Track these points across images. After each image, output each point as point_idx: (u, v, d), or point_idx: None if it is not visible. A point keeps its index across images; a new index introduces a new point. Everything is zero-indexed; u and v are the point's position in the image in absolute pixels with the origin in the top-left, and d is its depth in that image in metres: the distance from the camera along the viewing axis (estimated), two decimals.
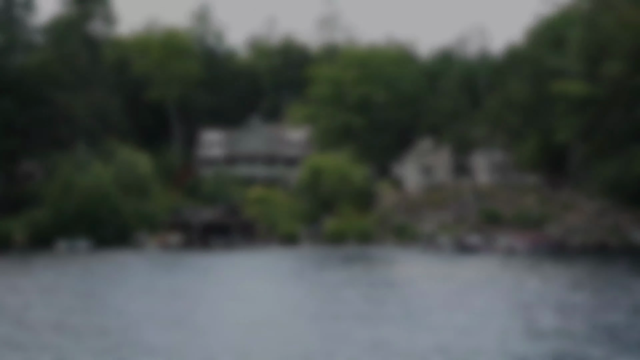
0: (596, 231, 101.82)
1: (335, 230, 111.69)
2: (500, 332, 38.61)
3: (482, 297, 53.60)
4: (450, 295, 55.80)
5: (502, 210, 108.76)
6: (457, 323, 41.43)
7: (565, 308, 48.80)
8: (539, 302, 50.97)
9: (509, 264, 79.63)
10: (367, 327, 40.98)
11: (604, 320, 44.05)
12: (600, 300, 52.46)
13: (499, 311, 46.58)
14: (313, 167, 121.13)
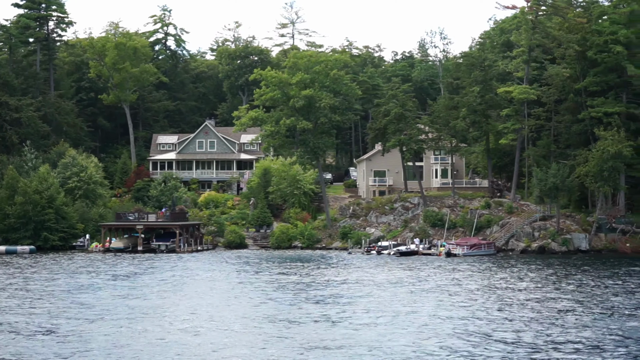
0: (538, 235, 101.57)
1: (281, 234, 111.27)
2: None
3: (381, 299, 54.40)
4: (357, 297, 56.43)
5: (449, 215, 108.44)
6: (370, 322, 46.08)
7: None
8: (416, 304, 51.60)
9: (434, 267, 79.64)
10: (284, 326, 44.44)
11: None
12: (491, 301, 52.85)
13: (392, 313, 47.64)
14: (263, 171, 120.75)
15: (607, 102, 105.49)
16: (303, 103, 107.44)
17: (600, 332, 43.24)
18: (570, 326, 45.24)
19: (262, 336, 42.49)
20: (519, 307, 52.78)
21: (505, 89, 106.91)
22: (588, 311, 50.70)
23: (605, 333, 43.04)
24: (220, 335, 42.86)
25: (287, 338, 41.80)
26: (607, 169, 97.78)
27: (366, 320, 47.47)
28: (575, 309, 51.57)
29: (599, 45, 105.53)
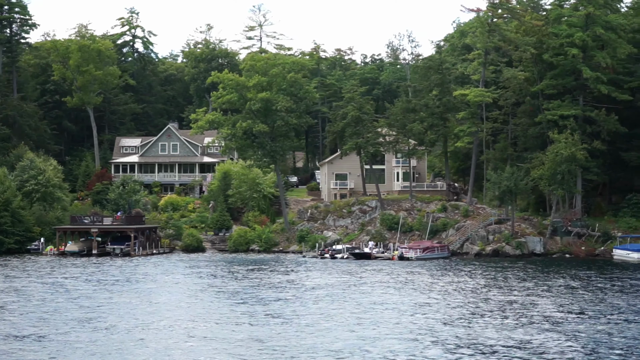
0: (493, 239, 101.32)
1: (239, 238, 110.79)
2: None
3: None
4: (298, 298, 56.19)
5: (405, 218, 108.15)
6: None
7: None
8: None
9: (374, 271, 79.29)
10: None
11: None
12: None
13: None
14: (223, 174, 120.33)
15: (564, 105, 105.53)
16: (260, 106, 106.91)
17: (506, 333, 42.90)
18: (474, 327, 44.90)
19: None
20: (424, 308, 52.52)
21: (461, 92, 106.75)
22: (501, 315, 50.36)
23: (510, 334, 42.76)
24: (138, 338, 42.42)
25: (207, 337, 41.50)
26: (561, 172, 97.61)
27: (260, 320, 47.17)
28: (493, 311, 51.24)
29: (555, 48, 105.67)
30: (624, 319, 49.00)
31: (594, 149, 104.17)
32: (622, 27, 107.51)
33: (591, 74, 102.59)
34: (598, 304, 55.39)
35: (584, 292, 62.00)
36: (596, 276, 74.59)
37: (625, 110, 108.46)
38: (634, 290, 63.17)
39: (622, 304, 54.94)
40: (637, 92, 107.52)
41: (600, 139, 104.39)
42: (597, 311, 51.83)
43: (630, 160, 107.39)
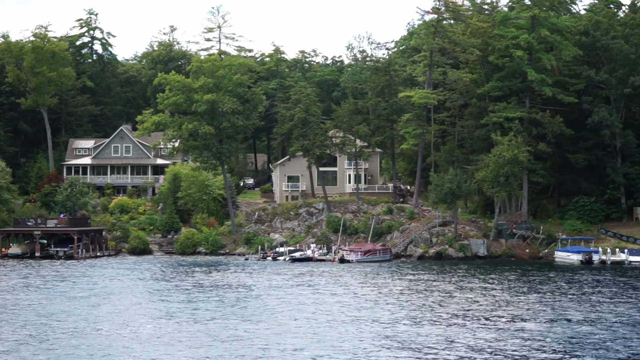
0: (436, 241, 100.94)
1: (186, 240, 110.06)
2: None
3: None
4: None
5: (351, 220, 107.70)
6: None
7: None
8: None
9: (299, 274, 78.84)
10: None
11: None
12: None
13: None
14: (173, 176, 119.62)
15: (509, 107, 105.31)
16: (206, 107, 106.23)
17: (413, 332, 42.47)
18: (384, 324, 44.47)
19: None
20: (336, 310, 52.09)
21: (406, 94, 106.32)
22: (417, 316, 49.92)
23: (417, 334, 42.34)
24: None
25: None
26: (504, 174, 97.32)
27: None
28: (410, 314, 50.81)
29: (500, 50, 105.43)
30: (520, 318, 48.71)
31: (539, 151, 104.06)
32: (568, 29, 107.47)
33: (536, 76, 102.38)
34: (502, 305, 54.97)
35: (495, 293, 61.70)
36: (520, 277, 74.33)
37: (572, 112, 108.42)
38: (546, 290, 62.84)
39: (525, 305, 54.57)
40: (583, 95, 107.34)
41: (545, 141, 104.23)
42: (490, 311, 51.44)
43: (577, 162, 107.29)
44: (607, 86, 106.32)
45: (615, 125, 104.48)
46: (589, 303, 56.63)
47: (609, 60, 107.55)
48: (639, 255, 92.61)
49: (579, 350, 39.74)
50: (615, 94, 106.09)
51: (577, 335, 43.63)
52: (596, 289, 65.83)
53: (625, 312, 52.43)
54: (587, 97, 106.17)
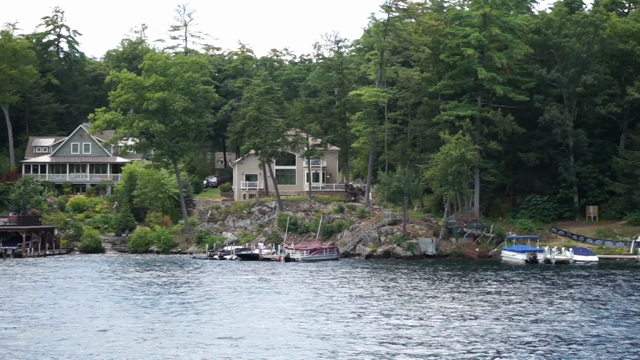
0: (385, 240, 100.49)
1: (138, 239, 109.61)
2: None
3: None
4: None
5: (302, 219, 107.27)
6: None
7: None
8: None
9: (230, 271, 78.50)
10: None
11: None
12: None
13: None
14: (129, 175, 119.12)
15: (461, 105, 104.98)
16: (156, 106, 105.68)
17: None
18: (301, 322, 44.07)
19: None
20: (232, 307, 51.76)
21: (356, 92, 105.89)
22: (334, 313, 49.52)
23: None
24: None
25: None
26: (452, 173, 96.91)
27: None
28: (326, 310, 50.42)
29: (452, 48, 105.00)
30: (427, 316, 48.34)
31: (490, 149, 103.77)
32: (520, 28, 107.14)
33: (486, 74, 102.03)
34: (417, 301, 54.56)
35: (408, 291, 61.35)
36: (455, 276, 73.92)
37: (525, 111, 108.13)
38: (465, 288, 62.43)
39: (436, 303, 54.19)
40: (535, 93, 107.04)
41: (497, 140, 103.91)
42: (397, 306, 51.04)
43: (529, 161, 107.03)
44: (559, 85, 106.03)
45: (566, 123, 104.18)
46: (494, 299, 56.24)
47: (561, 59, 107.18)
48: (584, 254, 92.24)
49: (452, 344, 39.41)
50: (567, 92, 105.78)
51: (462, 332, 43.24)
52: (513, 286, 65.48)
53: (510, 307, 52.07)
54: (538, 96, 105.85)
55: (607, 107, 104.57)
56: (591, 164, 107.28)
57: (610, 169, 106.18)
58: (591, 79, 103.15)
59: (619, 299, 57.38)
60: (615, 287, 65.20)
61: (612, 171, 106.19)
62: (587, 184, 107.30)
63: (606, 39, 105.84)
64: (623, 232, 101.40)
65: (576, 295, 59.62)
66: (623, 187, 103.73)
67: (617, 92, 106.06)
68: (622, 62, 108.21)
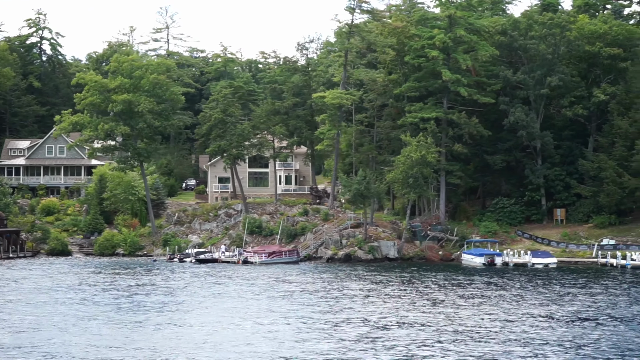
0: (346, 243, 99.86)
1: (105, 241, 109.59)
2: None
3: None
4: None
5: (267, 222, 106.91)
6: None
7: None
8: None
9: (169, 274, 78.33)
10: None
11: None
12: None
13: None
14: (99, 177, 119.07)
15: (426, 107, 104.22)
16: (121, 108, 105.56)
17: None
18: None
19: None
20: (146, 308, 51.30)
21: (319, 94, 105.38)
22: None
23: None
24: None
25: None
26: (413, 175, 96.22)
27: None
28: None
29: (416, 50, 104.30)
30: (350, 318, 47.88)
31: (456, 152, 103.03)
32: (486, 29, 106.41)
33: (451, 76, 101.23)
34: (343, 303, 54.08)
35: (335, 294, 60.85)
36: (399, 279, 73.35)
37: (492, 113, 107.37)
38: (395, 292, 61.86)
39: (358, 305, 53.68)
40: (501, 95, 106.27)
41: (462, 142, 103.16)
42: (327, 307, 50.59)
43: (495, 163, 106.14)
44: (525, 87, 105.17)
45: (532, 125, 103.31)
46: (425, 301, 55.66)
47: (528, 61, 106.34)
48: (543, 257, 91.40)
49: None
50: (533, 94, 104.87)
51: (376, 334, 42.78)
52: (448, 290, 64.88)
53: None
54: (504, 98, 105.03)
55: (573, 109, 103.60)
56: (558, 167, 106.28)
57: (578, 172, 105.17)
58: (556, 80, 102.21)
59: (541, 301, 56.69)
60: (550, 289, 64.56)
61: (580, 174, 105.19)
62: (554, 186, 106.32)
63: (572, 41, 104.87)
64: (589, 235, 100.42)
65: (502, 298, 58.94)
66: (589, 190, 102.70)
67: (584, 94, 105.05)
68: (590, 64, 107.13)
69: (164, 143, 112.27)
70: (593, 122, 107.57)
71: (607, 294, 61.84)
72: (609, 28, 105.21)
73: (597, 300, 58.19)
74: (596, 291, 64.00)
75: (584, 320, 48.80)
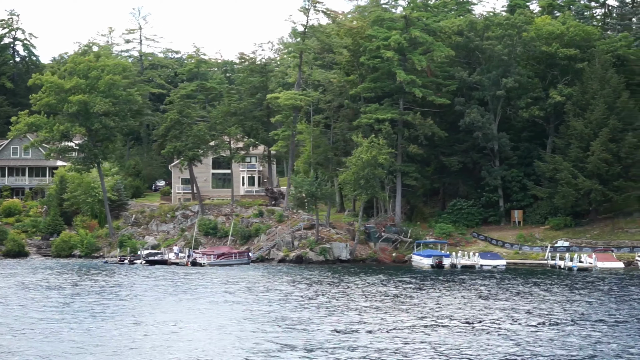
0: (298, 244, 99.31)
1: (62, 243, 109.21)
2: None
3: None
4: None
5: (223, 223, 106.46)
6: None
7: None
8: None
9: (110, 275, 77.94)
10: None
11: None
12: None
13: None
14: (60, 178, 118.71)
15: (381, 108, 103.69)
16: (77, 108, 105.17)
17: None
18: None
19: None
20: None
21: (273, 95, 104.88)
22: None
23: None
24: None
25: None
26: (364, 176, 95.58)
27: None
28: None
29: (372, 51, 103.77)
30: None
31: (412, 153, 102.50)
32: (442, 30, 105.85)
33: (405, 77, 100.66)
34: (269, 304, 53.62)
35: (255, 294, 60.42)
36: (338, 280, 72.88)
37: (449, 114, 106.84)
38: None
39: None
40: (459, 96, 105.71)
41: (417, 143, 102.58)
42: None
43: (451, 165, 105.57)
44: (481, 88, 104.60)
45: (487, 127, 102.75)
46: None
47: (486, 62, 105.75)
48: (491, 258, 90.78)
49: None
50: (489, 95, 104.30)
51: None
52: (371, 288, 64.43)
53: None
54: (459, 99, 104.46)
55: (530, 111, 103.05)
56: (516, 168, 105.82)
57: (535, 173, 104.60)
58: (512, 81, 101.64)
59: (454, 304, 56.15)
60: (470, 292, 64.03)
61: (537, 175, 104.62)
62: (512, 188, 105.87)
63: (529, 42, 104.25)
64: (544, 237, 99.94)
65: (422, 299, 58.42)
66: (544, 192, 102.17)
67: (541, 96, 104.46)
68: (547, 65, 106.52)
69: (136, 144, 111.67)
70: (551, 124, 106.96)
71: (516, 296, 61.41)
72: (566, 29, 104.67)
73: (498, 301, 57.73)
74: (512, 293, 63.54)
75: (470, 324, 48.25)
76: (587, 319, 49.84)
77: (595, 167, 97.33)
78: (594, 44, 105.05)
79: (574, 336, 43.48)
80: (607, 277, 78.68)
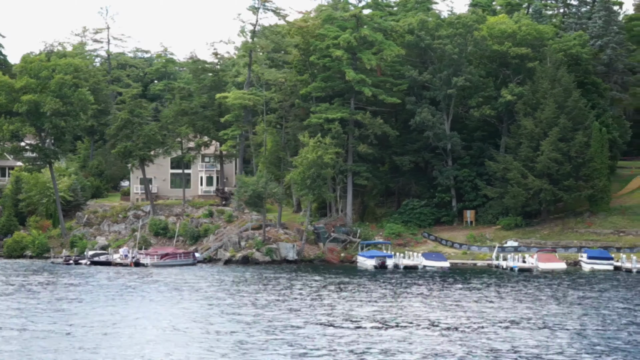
0: (245, 245, 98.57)
1: (13, 243, 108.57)
2: None
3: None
4: None
5: (174, 223, 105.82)
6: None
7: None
8: None
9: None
10: None
11: None
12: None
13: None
14: (16, 178, 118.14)
15: (331, 107, 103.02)
16: (27, 108, 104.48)
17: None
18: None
19: None
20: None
21: (222, 95, 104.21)
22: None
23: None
24: None
25: None
26: (310, 176, 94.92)
27: None
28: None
29: (322, 50, 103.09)
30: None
31: (361, 152, 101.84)
32: (393, 29, 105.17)
33: (355, 76, 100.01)
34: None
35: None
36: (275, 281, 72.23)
37: (401, 113, 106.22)
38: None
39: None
40: (410, 95, 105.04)
41: (367, 143, 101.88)
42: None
43: (403, 164, 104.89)
44: (432, 87, 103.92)
45: (438, 126, 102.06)
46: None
47: (438, 61, 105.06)
48: (435, 259, 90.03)
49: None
50: (440, 95, 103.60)
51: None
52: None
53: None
54: (410, 98, 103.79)
55: (481, 110, 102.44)
56: (468, 168, 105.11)
57: (487, 173, 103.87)
58: (462, 80, 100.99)
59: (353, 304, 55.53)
60: (389, 293, 63.42)
61: (489, 175, 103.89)
62: (464, 187, 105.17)
63: (480, 41, 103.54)
64: (495, 237, 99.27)
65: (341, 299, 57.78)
66: (495, 192, 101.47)
67: (493, 95, 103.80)
68: (500, 64, 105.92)
69: (101, 144, 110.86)
70: (504, 123, 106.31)
71: (433, 297, 60.78)
72: (518, 28, 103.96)
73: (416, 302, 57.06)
74: (423, 295, 62.96)
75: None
76: (471, 322, 49.04)
77: (545, 166, 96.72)
78: (545, 43, 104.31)
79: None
80: (541, 277, 78.00)
